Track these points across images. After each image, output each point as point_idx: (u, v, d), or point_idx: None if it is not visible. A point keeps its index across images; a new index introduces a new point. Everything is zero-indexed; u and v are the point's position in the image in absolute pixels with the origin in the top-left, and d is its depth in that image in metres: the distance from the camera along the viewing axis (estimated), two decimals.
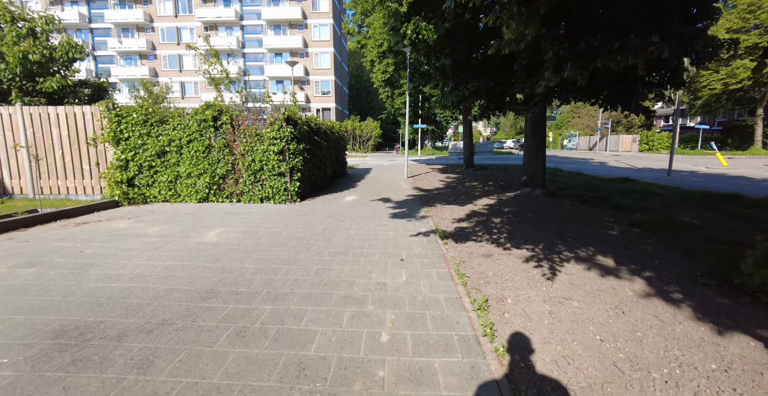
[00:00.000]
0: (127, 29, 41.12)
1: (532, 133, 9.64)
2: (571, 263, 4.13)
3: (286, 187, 7.74)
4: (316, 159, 9.40)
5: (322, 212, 6.82)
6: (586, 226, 6.05)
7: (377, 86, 17.45)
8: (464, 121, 17.13)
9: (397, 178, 13.59)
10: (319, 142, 9.71)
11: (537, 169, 9.66)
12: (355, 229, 5.50)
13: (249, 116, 7.71)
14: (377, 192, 9.72)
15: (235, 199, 7.87)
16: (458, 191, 9.94)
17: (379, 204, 7.83)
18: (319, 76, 40.93)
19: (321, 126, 10.13)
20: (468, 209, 7.37)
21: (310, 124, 9.21)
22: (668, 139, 40.23)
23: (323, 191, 9.79)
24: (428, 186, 11.10)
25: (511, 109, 8.93)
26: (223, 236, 5.03)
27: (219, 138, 7.67)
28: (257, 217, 6.29)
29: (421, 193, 9.53)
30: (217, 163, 7.70)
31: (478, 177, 13.42)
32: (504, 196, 9.08)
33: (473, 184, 11.23)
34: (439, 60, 9.00)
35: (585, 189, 10.30)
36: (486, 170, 16.45)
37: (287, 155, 7.67)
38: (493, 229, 5.76)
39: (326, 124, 11.19)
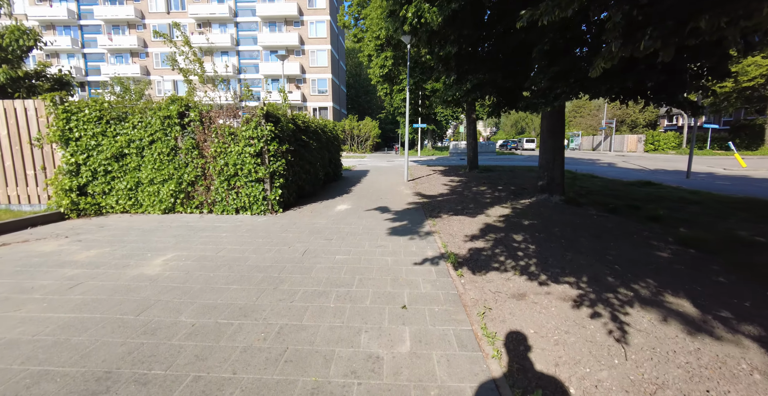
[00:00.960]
0: (118, 26, 39.88)
1: (550, 132, 8.50)
2: (636, 308, 2.99)
3: (265, 196, 6.58)
4: (304, 162, 8.24)
5: (306, 227, 5.66)
6: (627, 246, 4.93)
7: (375, 82, 16.30)
8: (468, 119, 15.98)
9: (397, 181, 12.44)
10: (308, 143, 8.55)
11: (555, 172, 8.53)
12: (344, 253, 4.34)
13: (222, 112, 6.55)
14: (374, 199, 8.56)
15: (206, 210, 6.71)
16: (465, 198, 8.79)
17: (376, 215, 6.68)
18: (316, 74, 39.76)
19: (310, 124, 8.98)
20: (480, 222, 6.22)
21: (297, 121, 8.05)
22: (675, 139, 39.18)
23: (312, 198, 8.63)
24: (431, 191, 9.95)
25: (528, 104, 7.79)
26: (170, 266, 3.86)
27: (186, 138, 6.51)
28: (225, 235, 5.12)
29: (423, 200, 8.38)
30: (185, 168, 6.54)
31: (485, 180, 12.28)
32: (519, 204, 7.93)
33: (481, 189, 10.08)
34: (443, 48, 7.84)
35: (607, 195, 9.17)
36: (492, 172, 15.31)
37: (267, 158, 6.51)
38: (517, 250, 4.61)
39: (317, 122, 10.04)
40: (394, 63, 14.35)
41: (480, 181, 11.93)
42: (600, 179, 12.90)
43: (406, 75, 14.57)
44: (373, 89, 59.57)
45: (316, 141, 9.35)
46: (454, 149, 33.03)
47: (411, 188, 10.58)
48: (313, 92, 40.11)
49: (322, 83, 40.02)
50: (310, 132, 8.80)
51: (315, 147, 9.18)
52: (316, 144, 9.24)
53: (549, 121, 8.50)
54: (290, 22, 39.29)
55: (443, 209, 7.34)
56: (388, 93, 16.58)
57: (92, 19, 39.44)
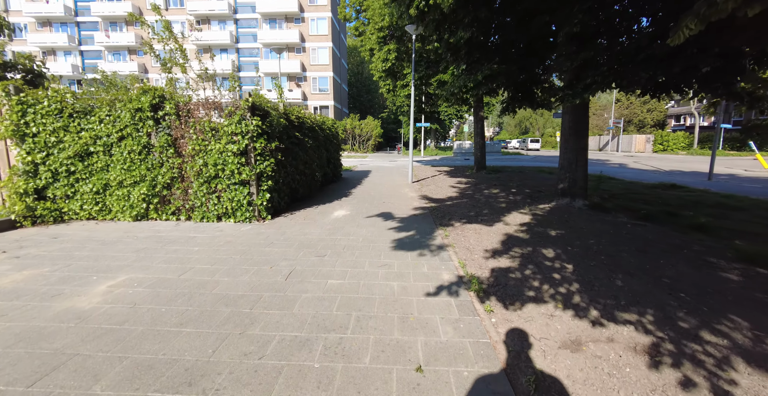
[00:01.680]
0: (115, 23, 39.14)
1: (572, 130, 7.62)
2: (742, 370, 2.11)
3: (250, 201, 5.72)
4: (298, 161, 7.39)
5: (296, 239, 4.80)
6: (682, 264, 4.07)
7: (377, 78, 15.44)
8: (476, 117, 15.10)
9: (400, 182, 11.57)
10: (303, 141, 7.69)
11: (578, 174, 7.65)
12: (339, 275, 3.48)
13: (202, 104, 5.70)
14: (376, 203, 7.70)
15: (183, 216, 5.86)
16: (478, 202, 7.91)
17: (378, 223, 5.81)
18: (317, 72, 38.91)
19: (305, 120, 8.12)
20: (499, 232, 5.35)
21: (290, 116, 7.20)
22: (684, 139, 38.17)
23: (307, 202, 7.77)
24: (438, 194, 9.08)
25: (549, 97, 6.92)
26: (114, 295, 3.01)
27: (161, 134, 5.66)
28: (197, 250, 4.27)
29: (431, 205, 7.51)
30: (159, 168, 5.70)
31: (495, 182, 11.40)
32: (539, 210, 7.06)
33: (493, 192, 9.21)
34: (453, 34, 6.98)
35: (633, 199, 8.28)
36: (500, 173, 14.43)
37: (252, 157, 5.66)
38: (552, 271, 3.74)
39: (313, 118, 9.19)
40: (398, 57, 13.49)
41: (490, 183, 11.05)
42: (618, 181, 12.00)
43: (411, 69, 13.73)
44: (375, 88, 58.73)
45: (312, 139, 8.49)
46: (458, 149, 32.13)
47: (416, 191, 9.71)
48: (313, 91, 39.27)
49: (323, 81, 39.17)
50: (305, 129, 7.94)
51: (311, 145, 8.33)
52: (312, 142, 8.38)
53: (571, 118, 7.62)
54: (291, 18, 38.47)
55: (454, 216, 6.47)
56: (391, 89, 15.71)
57: (89, 16, 38.71)
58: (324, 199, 8.23)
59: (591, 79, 5.28)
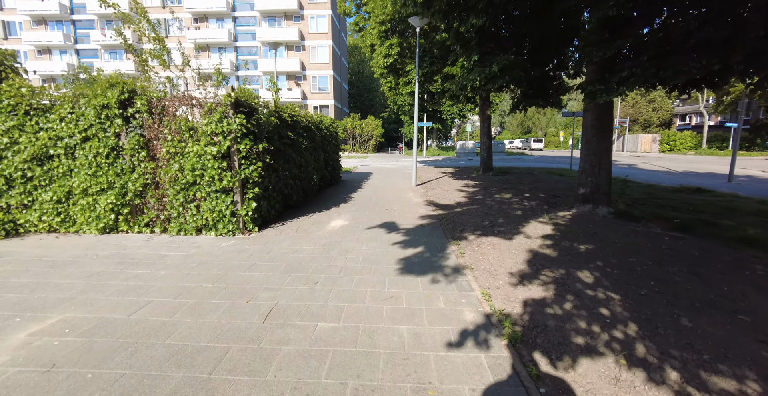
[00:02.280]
0: (111, 21, 38.40)
1: (595, 129, 6.87)
2: None
3: (234, 211, 4.98)
4: (292, 164, 6.65)
5: (283, 258, 4.06)
6: (754, 293, 3.37)
7: (378, 75, 14.69)
8: (482, 116, 14.35)
9: (404, 186, 10.82)
10: (297, 141, 6.95)
11: (601, 179, 6.92)
12: (332, 315, 2.74)
13: (178, 100, 4.96)
14: (378, 210, 6.95)
15: (159, 228, 5.12)
16: (490, 209, 7.16)
17: (381, 236, 5.07)
18: (317, 71, 38.16)
19: (300, 119, 7.38)
20: (521, 247, 4.61)
21: (282, 115, 6.46)
22: (692, 138, 37.36)
23: (302, 210, 7.03)
24: (446, 199, 8.33)
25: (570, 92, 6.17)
26: (30, 350, 2.27)
27: (132, 134, 4.93)
28: (162, 275, 3.53)
29: (439, 213, 6.77)
30: (129, 174, 4.96)
31: (505, 185, 10.64)
32: (559, 218, 6.32)
33: (505, 197, 8.45)
34: (465, 22, 6.23)
35: (660, 205, 7.53)
36: (509, 175, 13.68)
37: (236, 160, 4.92)
38: (597, 304, 3.00)
39: (309, 117, 8.44)
40: (400, 53, 12.74)
41: (500, 186, 10.30)
42: (635, 184, 11.24)
43: (413, 66, 12.97)
44: (376, 87, 57.95)
45: (308, 139, 7.75)
46: (461, 149, 31.36)
47: (421, 195, 8.96)
48: (313, 90, 38.52)
49: (323, 80, 38.42)
50: (299, 128, 7.20)
51: (307, 146, 7.59)
52: (307, 143, 7.64)
53: (594, 116, 6.87)
54: (290, 16, 37.71)
55: (467, 226, 5.73)
56: (392, 87, 14.96)
57: (85, 14, 37.99)
58: (321, 205, 7.49)
59: (628, 71, 4.53)
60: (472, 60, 6.17)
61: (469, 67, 6.38)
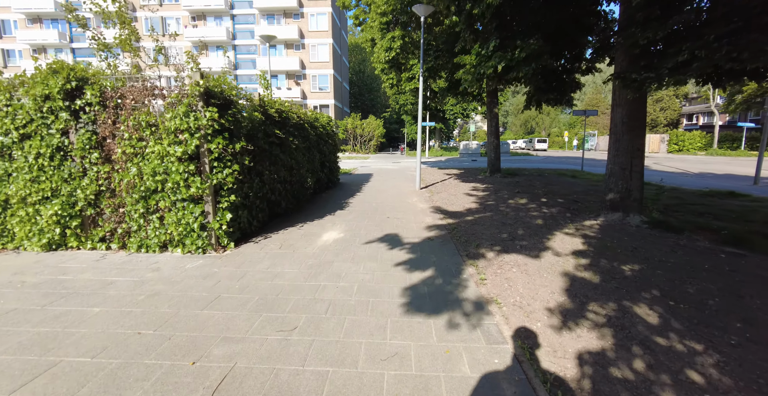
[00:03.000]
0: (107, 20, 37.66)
1: (627, 127, 6.03)
2: None
3: (204, 224, 4.13)
4: (280, 167, 5.81)
5: (257, 288, 3.20)
6: None
7: (380, 71, 13.84)
8: (489, 115, 13.50)
9: (407, 189, 9.97)
10: (287, 141, 6.11)
11: (633, 183, 6.06)
12: (310, 391, 1.89)
13: (138, 90, 4.13)
14: (378, 219, 6.09)
15: (116, 244, 4.28)
16: (506, 216, 6.30)
17: (381, 254, 4.21)
18: (317, 69, 37.34)
19: (290, 115, 6.53)
20: (553, 268, 3.75)
21: (268, 110, 5.62)
22: (701, 138, 36.37)
23: (292, 218, 6.19)
24: (454, 205, 7.47)
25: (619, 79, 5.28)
26: None
27: (82, 132, 4.09)
28: (95, 313, 2.68)
29: (448, 222, 5.91)
30: (80, 179, 4.13)
31: (517, 188, 9.77)
32: (586, 229, 5.46)
33: (520, 203, 7.58)
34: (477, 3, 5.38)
35: (697, 212, 6.66)
36: (518, 177, 12.81)
37: (207, 163, 4.08)
38: (678, 360, 2.15)
39: (303, 113, 7.59)
40: (402, 47, 11.89)
41: (512, 190, 9.42)
42: (656, 187, 10.36)
43: (416, 60, 12.14)
44: (377, 87, 57.09)
45: (300, 138, 6.91)
46: (464, 150, 30.49)
47: (426, 200, 8.10)
48: (313, 89, 37.70)
49: (323, 79, 37.59)
50: (290, 126, 6.36)
51: (298, 146, 6.75)
52: (299, 142, 6.80)
53: (626, 111, 6.02)
54: (289, 14, 36.92)
55: (482, 239, 4.87)
56: (394, 84, 14.10)
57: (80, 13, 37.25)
58: (314, 213, 6.63)
59: (687, 54, 3.67)
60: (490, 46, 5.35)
61: (487, 54, 5.54)
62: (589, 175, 13.61)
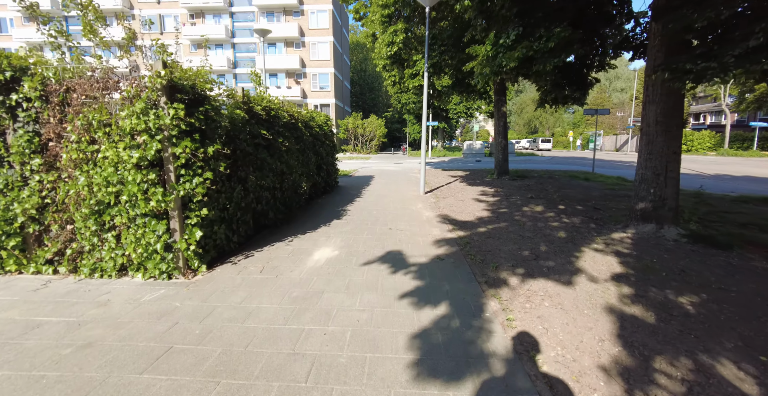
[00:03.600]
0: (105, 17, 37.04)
1: (662, 126, 5.33)
2: None
3: (169, 244, 3.42)
4: (267, 172, 5.10)
5: (220, 336, 2.48)
6: None
7: (381, 68, 13.10)
8: (497, 113, 12.77)
9: (410, 193, 9.25)
10: (275, 142, 5.40)
11: (667, 190, 5.36)
12: None
13: (88, 82, 3.43)
14: (379, 231, 5.38)
15: (66, 267, 3.57)
16: (523, 228, 5.57)
17: (381, 281, 3.49)
18: (317, 68, 36.63)
19: (281, 113, 5.81)
20: (594, 300, 3.03)
21: (254, 107, 4.92)
22: (710, 138, 35.50)
23: (280, 231, 5.48)
24: (463, 212, 6.75)
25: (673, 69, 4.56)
26: None
27: (21, 132, 3.40)
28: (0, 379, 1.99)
29: (459, 234, 5.19)
30: (18, 190, 3.43)
31: (528, 192, 9.03)
32: (617, 243, 4.75)
33: (536, 210, 6.85)
34: None
35: (738, 223, 5.93)
36: (528, 179, 12.07)
37: (173, 170, 3.37)
38: None
39: (296, 111, 6.88)
40: (405, 41, 11.16)
41: (524, 195, 8.69)
42: (693, 194, 9.60)
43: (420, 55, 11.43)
44: (379, 86, 56.33)
45: (293, 139, 6.21)
46: (468, 150, 29.74)
47: (432, 206, 7.38)
48: (314, 88, 37.00)
49: (324, 78, 36.88)
50: (279, 126, 5.65)
51: (290, 148, 6.04)
52: (291, 143, 6.10)
53: (661, 108, 5.31)
54: (289, 11, 36.22)
55: (501, 258, 4.15)
56: (396, 81, 13.36)
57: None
58: (307, 223, 5.92)
59: (763, 37, 2.94)
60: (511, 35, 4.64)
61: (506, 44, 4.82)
62: (602, 177, 12.85)
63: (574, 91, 6.67)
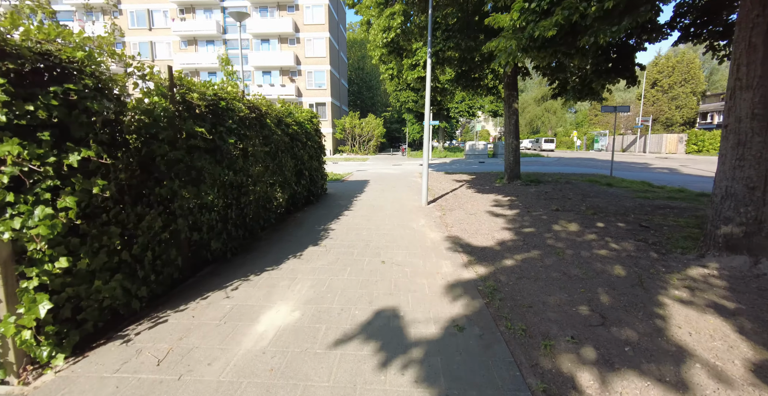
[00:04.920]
0: (91, 12, 35.58)
1: (763, 121, 3.87)
2: None
3: None
4: (205, 188, 3.62)
5: None
6: None
7: (377, 60, 11.58)
8: (507, 110, 11.30)
9: (410, 203, 7.78)
10: (224, 145, 3.91)
11: (766, 209, 3.91)
12: None
13: None
14: (367, 270, 3.88)
15: None
16: (562, 258, 4.08)
17: (359, 389, 2.02)
18: (313, 65, 35.12)
19: (235, 105, 4.29)
20: None
21: (187, 94, 3.43)
22: None
23: (228, 267, 3.99)
24: (479, 234, 5.26)
25: None
26: None
27: None
28: None
29: (480, 274, 3.70)
30: None
31: (551, 202, 7.53)
32: (705, 288, 3.27)
33: (570, 229, 5.37)
34: None
35: None
36: (543, 185, 10.59)
37: None
38: None
39: (264, 103, 5.36)
40: (404, 27, 9.68)
41: (546, 205, 7.19)
42: None
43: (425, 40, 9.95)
44: (377, 85, 54.81)
45: (257, 140, 4.73)
46: (470, 150, 28.24)
47: (438, 223, 5.90)
48: (309, 86, 35.49)
49: (320, 76, 35.36)
50: (233, 121, 4.15)
51: (255, 152, 4.57)
52: (256, 145, 4.61)
53: (759, 97, 3.86)
54: (283, 6, 34.72)
55: (551, 326, 2.67)
56: (395, 74, 11.86)
57: (62, 4, 35.11)
58: (268, 254, 4.40)
59: None
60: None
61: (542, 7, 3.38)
62: (625, 182, 11.35)
63: (623, 74, 5.21)
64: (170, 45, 35.38)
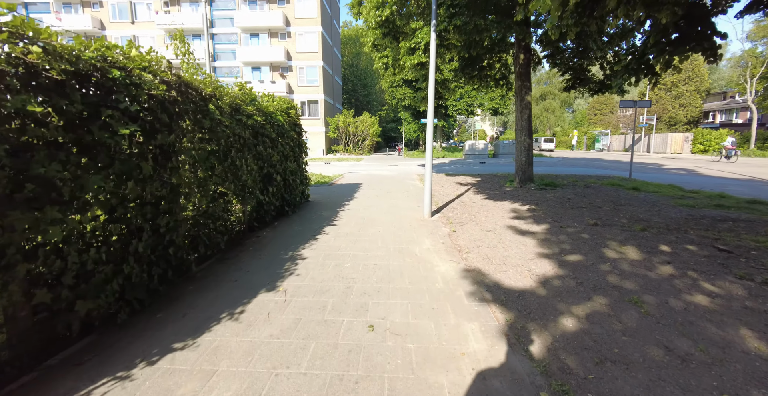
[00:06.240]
0: (69, 4, 33.71)
1: None
2: None
3: None
4: (58, 214, 2.10)
5: None
6: None
7: (371, 47, 10.11)
8: (519, 105, 9.85)
9: (410, 215, 6.29)
10: (108, 141, 2.40)
11: None
12: None
13: None
14: (343, 346, 2.38)
15: None
16: (646, 313, 2.61)
17: None
18: (304, 61, 33.49)
19: (148, 82, 2.80)
20: None
21: (45, 41, 1.92)
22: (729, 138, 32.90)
23: (119, 341, 2.47)
24: (509, 266, 3.79)
25: None
26: None
27: None
28: None
29: (530, 353, 2.22)
30: None
31: (582, 212, 6.07)
32: None
33: (632, 258, 3.89)
34: None
35: None
36: (560, 189, 9.13)
37: None
38: None
39: (209, 83, 3.87)
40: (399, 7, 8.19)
41: (578, 217, 5.73)
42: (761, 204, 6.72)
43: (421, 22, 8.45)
44: (373, 82, 53.20)
45: (194, 134, 3.23)
46: (470, 150, 26.86)
47: (448, 247, 4.42)
48: (300, 82, 33.87)
49: (312, 72, 33.75)
50: (139, 99, 2.65)
51: (189, 150, 3.07)
52: (195, 143, 3.11)
53: None
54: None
55: None
56: (390, 63, 10.36)
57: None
58: (191, 310, 2.89)
59: None
60: None
61: None
62: (652, 186, 9.90)
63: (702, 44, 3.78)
64: (154, 39, 33.60)
